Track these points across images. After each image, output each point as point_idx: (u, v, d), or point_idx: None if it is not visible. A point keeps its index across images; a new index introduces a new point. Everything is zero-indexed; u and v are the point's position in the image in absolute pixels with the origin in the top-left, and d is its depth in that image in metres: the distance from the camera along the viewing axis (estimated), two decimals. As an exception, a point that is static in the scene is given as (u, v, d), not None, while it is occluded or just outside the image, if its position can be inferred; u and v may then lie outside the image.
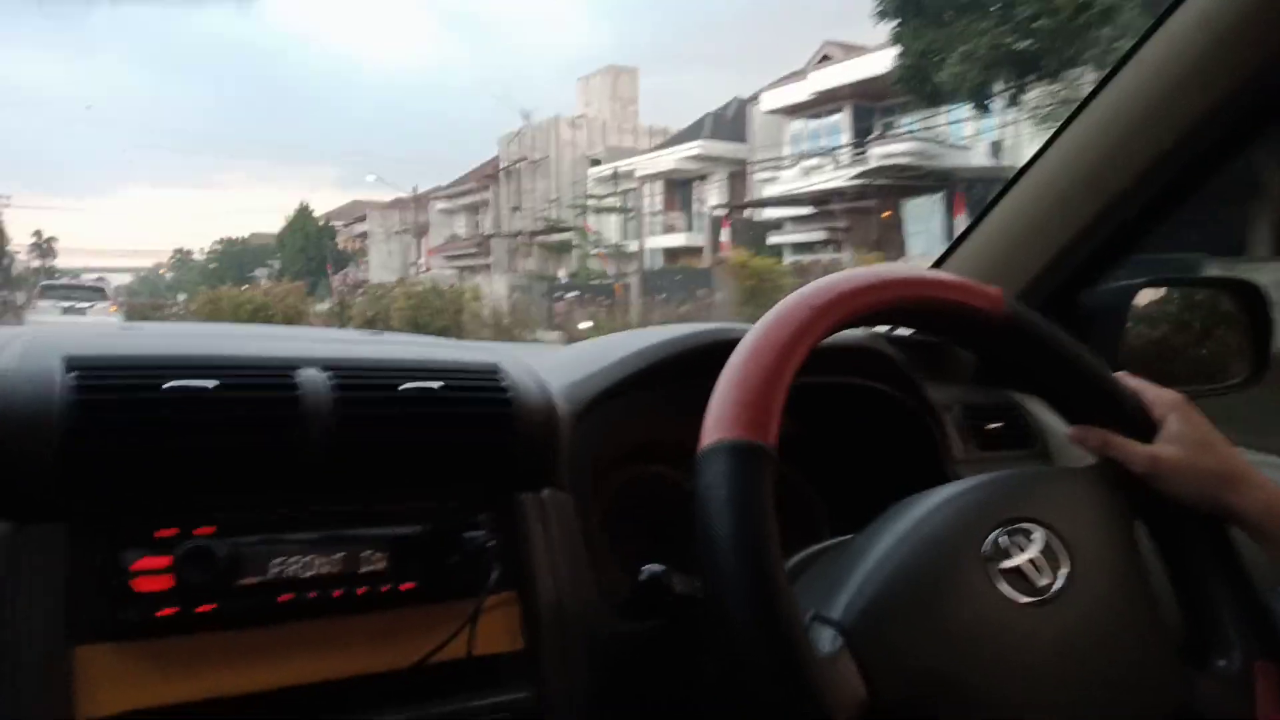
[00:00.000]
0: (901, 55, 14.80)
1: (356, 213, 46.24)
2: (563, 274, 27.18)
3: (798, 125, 23.55)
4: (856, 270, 0.68)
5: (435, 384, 0.76)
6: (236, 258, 54.82)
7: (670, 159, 26.78)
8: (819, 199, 20.33)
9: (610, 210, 27.94)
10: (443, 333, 13.78)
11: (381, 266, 38.46)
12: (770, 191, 23.02)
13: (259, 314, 18.11)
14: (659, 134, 32.98)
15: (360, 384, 0.74)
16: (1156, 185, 1.03)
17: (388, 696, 0.70)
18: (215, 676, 0.66)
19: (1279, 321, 1.11)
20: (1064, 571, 0.64)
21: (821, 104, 22.20)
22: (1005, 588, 0.62)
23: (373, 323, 17.30)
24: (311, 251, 40.76)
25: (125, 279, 60.96)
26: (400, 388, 0.75)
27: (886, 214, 18.63)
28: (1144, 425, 0.72)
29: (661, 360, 0.91)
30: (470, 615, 0.73)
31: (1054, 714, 0.59)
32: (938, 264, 1.22)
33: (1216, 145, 1.00)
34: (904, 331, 1.11)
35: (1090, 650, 0.62)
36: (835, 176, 19.92)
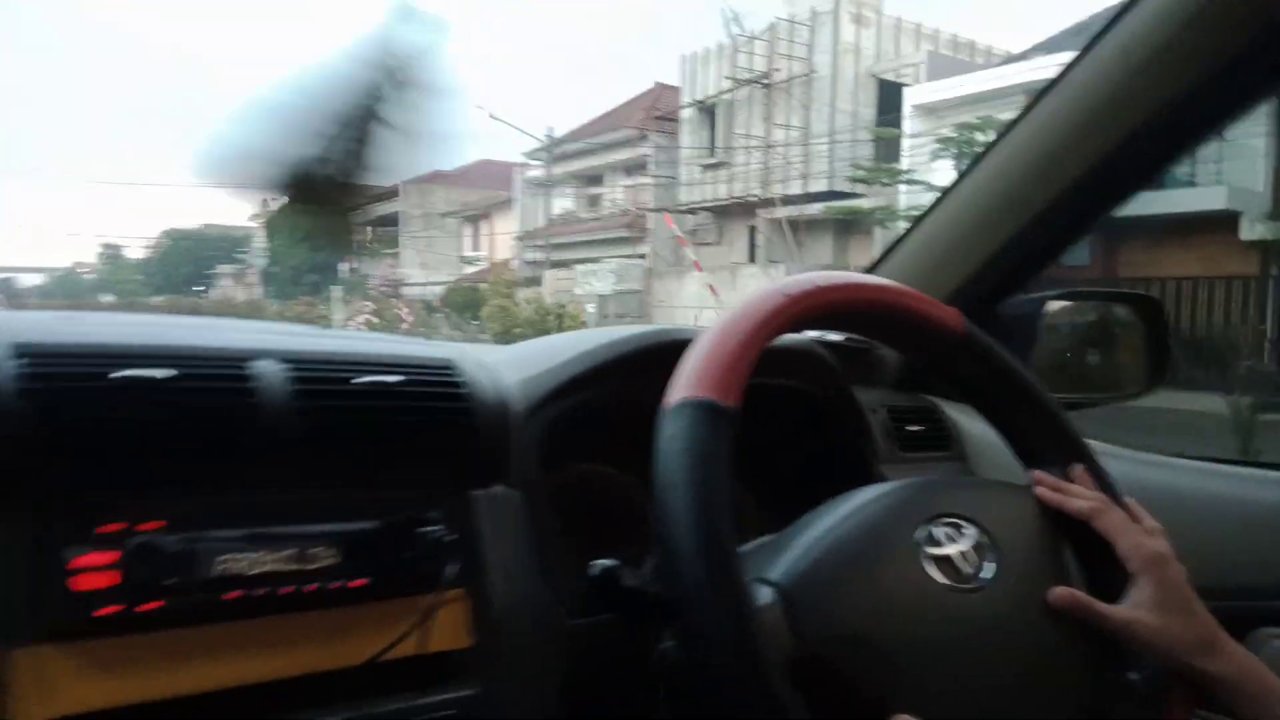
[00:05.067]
0: None
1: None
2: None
3: None
4: (830, 272, 0.72)
5: (392, 378, 0.76)
6: (189, 253, 45.08)
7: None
8: None
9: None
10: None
11: (419, 262, 27.55)
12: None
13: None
14: (966, 48, 19.51)
15: (317, 376, 0.73)
16: (1072, 208, 1.08)
17: (336, 694, 0.69)
18: (159, 677, 0.64)
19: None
20: (991, 566, 0.66)
21: None
22: (933, 570, 0.64)
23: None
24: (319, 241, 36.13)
25: (38, 279, 52.18)
26: (356, 381, 0.74)
27: None
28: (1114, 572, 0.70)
29: (611, 360, 0.92)
30: (425, 612, 0.72)
31: (958, 690, 0.61)
32: (870, 271, 1.25)
33: (1129, 174, 1.05)
34: (833, 336, 1.16)
35: (1007, 642, 0.64)
36: None
